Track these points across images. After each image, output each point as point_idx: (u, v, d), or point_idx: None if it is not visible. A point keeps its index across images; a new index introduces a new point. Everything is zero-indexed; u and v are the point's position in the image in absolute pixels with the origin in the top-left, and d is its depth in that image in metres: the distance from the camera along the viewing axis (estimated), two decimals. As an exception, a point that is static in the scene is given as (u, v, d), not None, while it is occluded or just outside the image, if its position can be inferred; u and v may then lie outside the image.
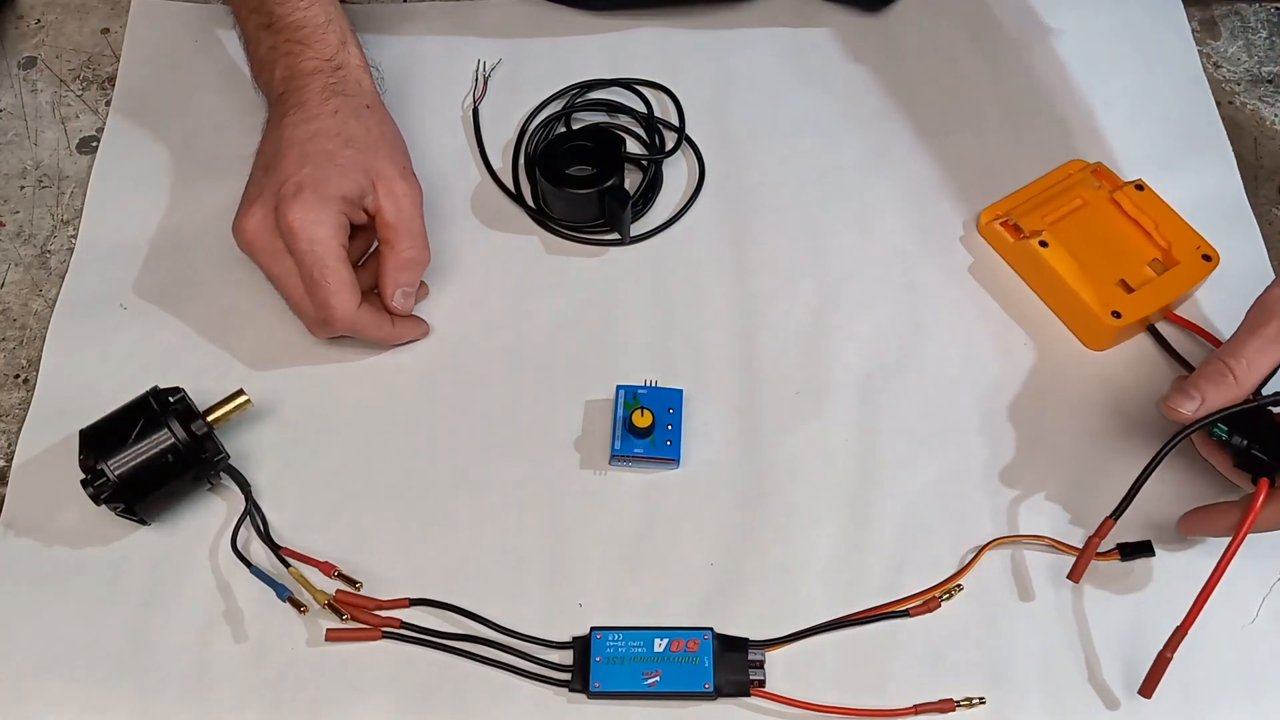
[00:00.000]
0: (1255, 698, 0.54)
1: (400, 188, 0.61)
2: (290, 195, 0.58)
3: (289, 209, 0.58)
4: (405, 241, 0.61)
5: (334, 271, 0.59)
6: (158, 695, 0.54)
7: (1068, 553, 0.57)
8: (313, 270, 0.58)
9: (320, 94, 0.62)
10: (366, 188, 0.60)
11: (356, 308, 0.60)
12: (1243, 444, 0.54)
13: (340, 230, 0.59)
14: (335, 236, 0.59)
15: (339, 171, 0.60)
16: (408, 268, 0.61)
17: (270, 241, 0.59)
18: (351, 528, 0.59)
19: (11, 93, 0.75)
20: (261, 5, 0.64)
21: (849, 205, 0.69)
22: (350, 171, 0.60)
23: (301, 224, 0.58)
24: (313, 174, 0.59)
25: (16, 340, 0.65)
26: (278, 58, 0.64)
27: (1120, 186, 0.66)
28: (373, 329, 0.61)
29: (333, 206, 0.59)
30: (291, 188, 0.59)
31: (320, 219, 0.58)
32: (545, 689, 0.54)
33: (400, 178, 0.61)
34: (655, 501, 0.60)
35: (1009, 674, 0.55)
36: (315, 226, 0.58)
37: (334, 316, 0.59)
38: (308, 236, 0.58)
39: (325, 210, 0.59)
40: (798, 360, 0.64)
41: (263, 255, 0.60)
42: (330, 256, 0.59)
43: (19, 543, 0.58)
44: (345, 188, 0.59)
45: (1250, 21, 0.79)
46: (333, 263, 0.59)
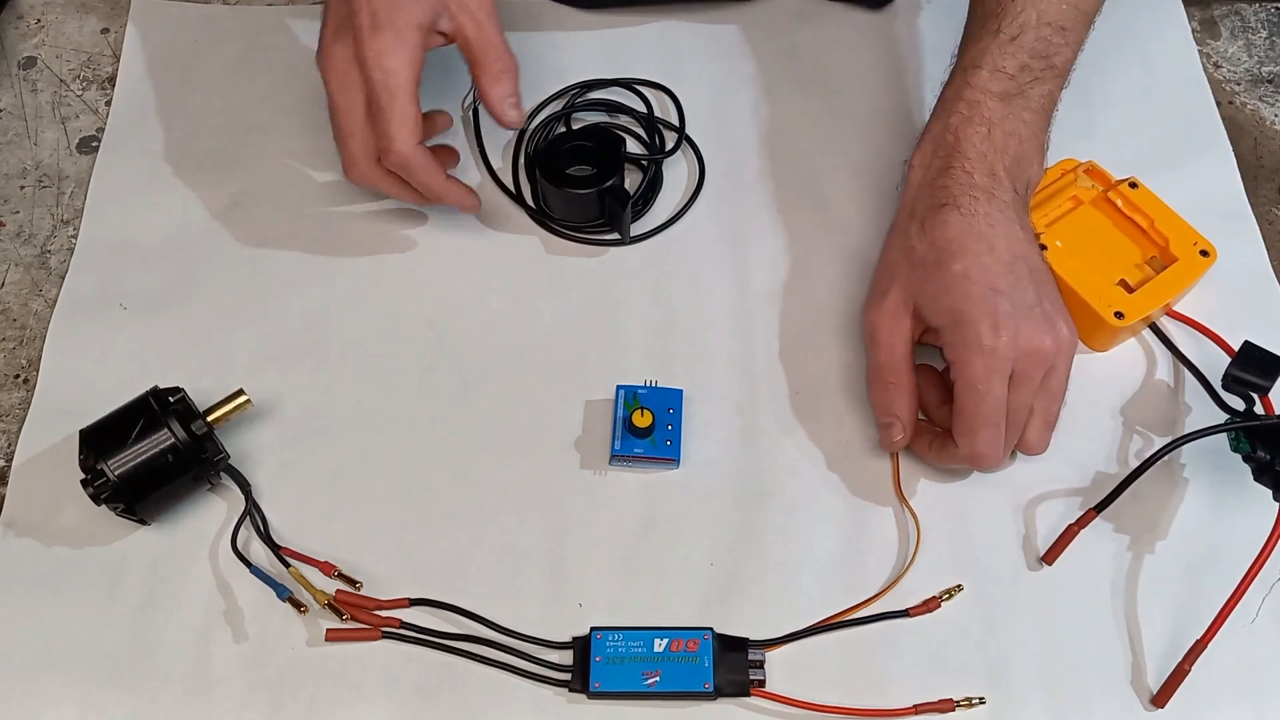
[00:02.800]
0: (1255, 698, 0.54)
1: (473, 2, 0.61)
2: (367, 28, 0.59)
3: (367, 42, 0.58)
4: (492, 55, 0.61)
5: (401, 103, 0.59)
6: (158, 695, 0.54)
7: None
8: (381, 98, 0.59)
9: None
10: (439, 10, 0.60)
11: (415, 144, 0.60)
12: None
13: (415, 64, 0.59)
14: (409, 69, 0.59)
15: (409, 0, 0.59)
16: (503, 79, 0.62)
17: (347, 71, 0.60)
18: (351, 528, 0.59)
19: (11, 93, 0.75)
20: None
21: (849, 205, 0.69)
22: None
23: (377, 56, 0.58)
24: (384, 3, 0.59)
25: (16, 340, 0.65)
26: None
27: (1114, 185, 0.66)
28: (426, 171, 0.61)
29: (410, 38, 0.59)
30: (367, 19, 0.59)
31: (397, 51, 0.59)
32: (545, 689, 0.54)
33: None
34: (655, 501, 0.60)
35: (1009, 674, 0.55)
36: (390, 58, 0.58)
37: (393, 148, 0.60)
38: (381, 67, 0.58)
39: (402, 43, 0.59)
40: (798, 360, 0.64)
41: (336, 83, 0.60)
42: (401, 89, 0.59)
43: (19, 543, 0.58)
44: (419, 14, 0.59)
45: (1250, 21, 0.79)
46: (401, 95, 0.59)
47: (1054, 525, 0.58)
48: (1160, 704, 0.54)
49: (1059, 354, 0.56)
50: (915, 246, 0.58)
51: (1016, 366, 0.55)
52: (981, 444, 0.55)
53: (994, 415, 0.55)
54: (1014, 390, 0.55)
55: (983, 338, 0.54)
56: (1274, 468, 0.54)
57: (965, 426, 0.55)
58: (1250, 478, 0.56)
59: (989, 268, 0.55)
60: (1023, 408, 0.56)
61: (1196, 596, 0.56)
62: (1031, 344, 0.55)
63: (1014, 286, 0.55)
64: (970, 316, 0.55)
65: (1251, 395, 0.56)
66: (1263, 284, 0.67)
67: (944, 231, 0.57)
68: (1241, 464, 0.56)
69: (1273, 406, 0.56)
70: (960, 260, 0.56)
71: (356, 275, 0.67)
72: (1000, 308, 0.54)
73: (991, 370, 0.54)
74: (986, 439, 0.55)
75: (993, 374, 0.54)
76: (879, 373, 0.59)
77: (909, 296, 0.58)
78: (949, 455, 0.57)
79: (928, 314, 0.57)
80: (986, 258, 0.56)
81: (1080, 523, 0.57)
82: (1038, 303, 0.56)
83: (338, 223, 0.69)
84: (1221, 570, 0.56)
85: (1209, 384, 0.60)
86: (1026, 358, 0.55)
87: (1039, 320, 0.55)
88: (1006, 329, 0.54)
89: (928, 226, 0.58)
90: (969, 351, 0.55)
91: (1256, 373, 0.55)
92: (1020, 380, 0.55)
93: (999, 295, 0.55)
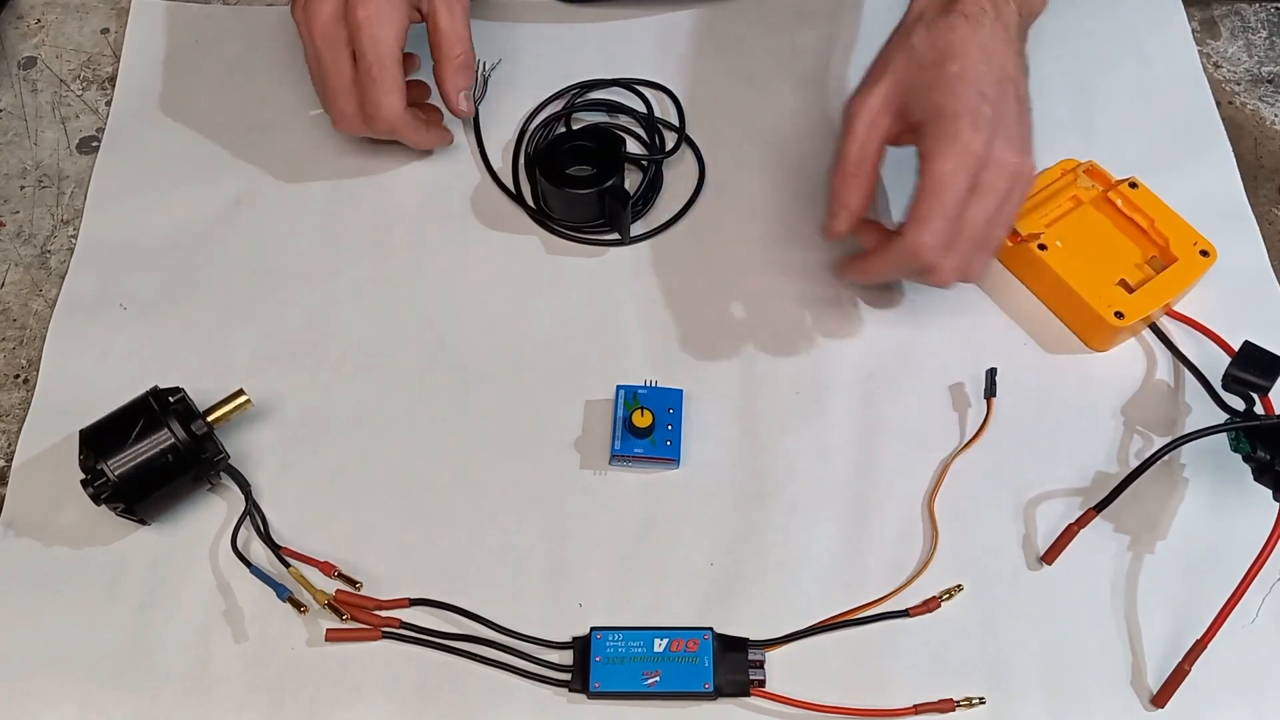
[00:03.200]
0: (1255, 698, 0.54)
1: None
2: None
3: (360, 5, 0.61)
4: (458, 47, 0.64)
5: (390, 72, 0.62)
6: (158, 695, 0.54)
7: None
8: (372, 68, 0.62)
9: None
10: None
11: (402, 109, 0.64)
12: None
13: (403, 33, 0.63)
14: (398, 39, 0.62)
15: None
16: (463, 71, 0.66)
17: (334, 31, 0.62)
18: (351, 528, 0.59)
19: (11, 93, 0.75)
20: None
21: (849, 205, 0.69)
22: None
23: (369, 21, 0.61)
24: None
25: (16, 340, 0.65)
26: None
27: (1114, 185, 0.66)
28: (411, 131, 0.66)
29: (399, 9, 0.62)
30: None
31: (389, 18, 0.61)
32: (545, 689, 0.54)
33: None
34: (655, 501, 0.60)
35: (1009, 674, 0.55)
36: (381, 26, 0.61)
37: (381, 114, 0.63)
38: (372, 35, 0.61)
39: (393, 10, 0.62)
40: (798, 360, 0.64)
41: (322, 41, 0.63)
42: (389, 57, 0.62)
43: (19, 543, 0.58)
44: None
45: (1250, 21, 0.79)
46: (390, 63, 0.62)
47: (1054, 525, 0.58)
48: (1160, 704, 0.54)
49: (1019, 180, 0.57)
50: (916, 45, 0.59)
51: (983, 174, 0.56)
52: (929, 234, 0.56)
53: (950, 208, 0.56)
54: (975, 197, 0.56)
55: (961, 133, 0.55)
56: (1274, 468, 0.54)
57: (920, 215, 0.56)
58: (1250, 478, 0.56)
59: (983, 74, 0.57)
60: (979, 219, 0.57)
61: (1196, 596, 0.56)
62: (1004, 155, 0.56)
63: (1000, 99, 0.57)
64: (954, 111, 0.56)
65: (1251, 395, 0.56)
66: (1263, 284, 0.67)
67: (948, 35, 0.58)
68: (1241, 464, 0.56)
69: (1273, 406, 0.56)
70: (957, 62, 0.57)
71: (356, 275, 0.67)
72: (983, 111, 0.56)
73: (960, 165, 0.55)
74: (936, 229, 0.56)
75: (960, 169, 0.56)
76: (844, 162, 0.60)
77: (898, 92, 0.59)
78: (891, 252, 0.58)
79: (914, 109, 0.58)
80: (982, 65, 0.57)
81: (1080, 522, 0.57)
82: (1014, 123, 0.57)
83: (338, 223, 0.69)
84: (1221, 570, 0.56)
85: (1209, 384, 0.60)
86: (995, 167, 0.56)
87: (1015, 138, 0.57)
88: (984, 131, 0.56)
89: (933, 29, 0.59)
90: (944, 143, 0.56)
91: (1256, 373, 0.55)
92: (983, 189, 0.56)
93: (985, 100, 0.56)
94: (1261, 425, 0.55)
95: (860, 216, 0.61)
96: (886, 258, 0.59)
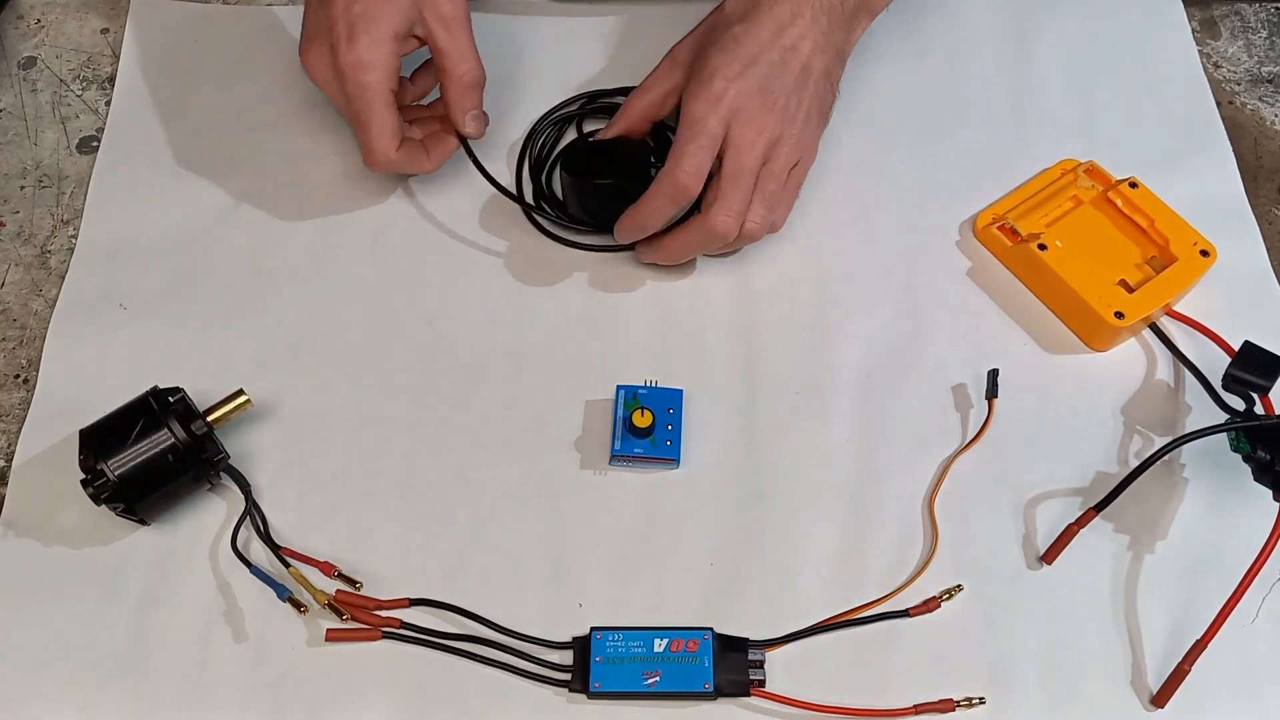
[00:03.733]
0: (1255, 697, 0.54)
1: (448, 10, 0.62)
2: (344, 37, 0.60)
3: (343, 51, 0.60)
4: (461, 66, 0.63)
5: (378, 116, 0.61)
6: (158, 695, 0.54)
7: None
8: (359, 114, 0.61)
9: None
10: (415, 18, 0.61)
11: (394, 152, 0.62)
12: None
13: (390, 74, 0.61)
14: (385, 81, 0.61)
15: (389, 6, 0.60)
16: (470, 91, 0.64)
17: (331, 77, 0.62)
18: (351, 528, 0.59)
19: (11, 93, 0.75)
20: None
21: (848, 205, 0.69)
22: (397, 5, 0.60)
23: (353, 69, 0.60)
24: (365, 11, 0.60)
25: (16, 340, 0.65)
26: None
27: (1114, 185, 0.67)
28: (410, 166, 0.65)
29: (384, 48, 0.60)
30: (344, 29, 0.60)
31: (372, 62, 0.60)
32: (545, 689, 0.54)
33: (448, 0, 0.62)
34: (655, 501, 0.60)
35: (1009, 674, 0.55)
36: (365, 71, 0.60)
37: (373, 160, 0.63)
38: (356, 81, 0.60)
39: (376, 52, 0.60)
40: (798, 360, 0.64)
41: (327, 88, 0.63)
42: (377, 101, 0.61)
43: (19, 543, 0.58)
44: (395, 22, 0.60)
45: (1250, 21, 0.79)
46: (378, 107, 0.61)
47: (1054, 525, 0.58)
48: (1160, 704, 0.54)
49: (782, 141, 0.60)
50: (726, 8, 0.63)
51: (735, 128, 0.59)
52: (685, 160, 0.58)
53: (705, 140, 0.59)
54: (733, 151, 0.59)
55: (714, 84, 0.59)
56: (1274, 468, 0.54)
57: (676, 151, 0.59)
58: (1250, 478, 0.56)
59: (762, 41, 0.60)
60: (745, 171, 0.60)
61: (1196, 596, 0.56)
62: (757, 112, 0.59)
63: (774, 66, 0.60)
64: (714, 66, 0.59)
65: (1251, 395, 0.56)
66: (1263, 284, 0.67)
67: (752, 3, 0.61)
68: (1241, 464, 0.56)
69: (1273, 406, 0.56)
70: (743, 25, 0.60)
71: (356, 275, 0.67)
72: (742, 71, 0.59)
73: (710, 110, 0.59)
74: (692, 156, 0.58)
75: (711, 114, 0.59)
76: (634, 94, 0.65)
77: (695, 46, 0.63)
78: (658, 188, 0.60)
79: (694, 63, 0.61)
80: (766, 33, 0.60)
81: (1080, 522, 0.57)
82: (787, 93, 0.60)
83: (338, 223, 0.69)
84: (1221, 570, 0.56)
85: (1209, 384, 0.60)
86: (747, 122, 0.59)
87: (777, 103, 0.60)
88: (738, 86, 0.59)
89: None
90: (697, 89, 0.59)
91: (1256, 373, 0.55)
92: (739, 145, 0.59)
93: (752, 63, 0.59)
94: (1261, 425, 0.55)
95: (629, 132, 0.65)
96: (653, 193, 0.61)
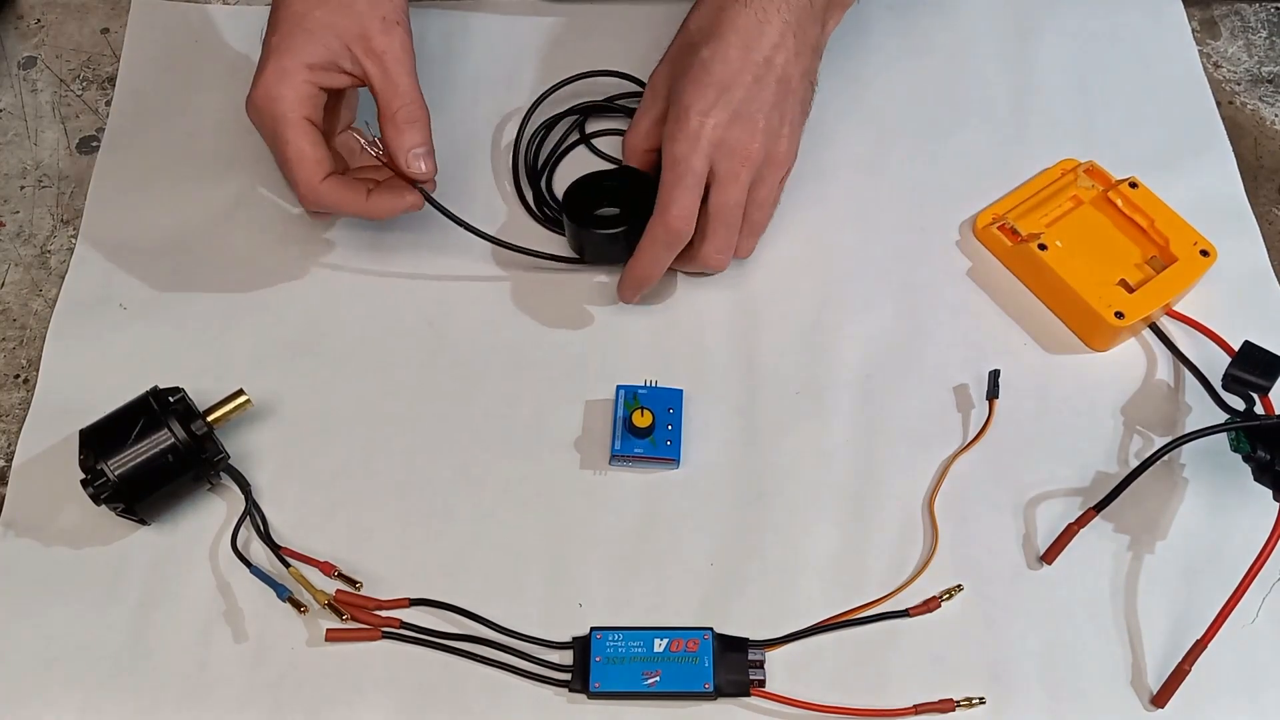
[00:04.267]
0: (1255, 697, 0.54)
1: (381, 44, 0.57)
2: (259, 69, 0.57)
3: (254, 84, 0.57)
4: (396, 103, 0.58)
5: (290, 145, 0.57)
6: (158, 695, 0.54)
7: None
8: (273, 145, 0.57)
9: None
10: (338, 51, 0.57)
11: (319, 181, 0.57)
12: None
13: (303, 101, 0.57)
14: (296, 109, 0.56)
15: (305, 37, 0.57)
16: (408, 129, 0.58)
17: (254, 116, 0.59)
18: (351, 528, 0.59)
19: (11, 93, 0.75)
20: None
21: (848, 205, 0.69)
22: (319, 35, 0.57)
23: (263, 100, 0.57)
24: (279, 43, 0.57)
25: (16, 340, 0.65)
26: None
27: (1114, 185, 0.67)
28: (344, 204, 0.58)
29: (294, 77, 0.56)
30: (261, 61, 0.57)
31: (279, 93, 0.56)
32: (545, 689, 0.54)
33: (381, 33, 0.57)
34: (655, 501, 0.60)
35: (1009, 674, 0.55)
36: (274, 102, 0.56)
37: (299, 192, 0.58)
38: (269, 113, 0.57)
39: (285, 82, 0.56)
40: (798, 360, 0.64)
41: (258, 130, 0.59)
42: (288, 130, 0.56)
43: (19, 543, 0.58)
44: (310, 54, 0.57)
45: (1250, 21, 0.79)
46: (289, 136, 0.56)
47: (1054, 525, 0.58)
48: (1160, 704, 0.54)
49: (768, 164, 0.59)
50: (689, 25, 0.61)
51: (719, 163, 0.58)
52: (676, 206, 0.58)
53: (691, 182, 0.57)
54: (719, 187, 0.58)
55: (690, 120, 0.57)
56: (1274, 468, 0.54)
57: (662, 195, 0.58)
58: (1250, 478, 0.56)
59: (732, 62, 0.58)
60: (732, 206, 0.59)
61: (1196, 596, 0.56)
62: (738, 142, 0.57)
63: (749, 88, 0.58)
64: (688, 101, 0.57)
65: (1251, 395, 0.56)
66: (1263, 284, 0.67)
67: (715, 16, 0.59)
68: (1241, 464, 0.56)
69: (1273, 406, 0.56)
70: (710, 47, 0.58)
71: (356, 275, 0.67)
72: (717, 100, 0.57)
73: (692, 150, 0.57)
74: (682, 202, 0.58)
75: (694, 154, 0.57)
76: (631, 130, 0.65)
77: (669, 72, 0.61)
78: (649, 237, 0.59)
79: (670, 93, 0.60)
80: (735, 51, 0.58)
81: (1080, 522, 0.57)
82: (767, 111, 0.58)
83: (338, 222, 0.69)
84: (1221, 570, 0.56)
85: (1209, 384, 0.60)
86: (729, 155, 0.57)
87: (758, 126, 0.58)
88: (715, 118, 0.57)
89: (707, 7, 0.60)
90: (675, 129, 0.58)
91: (1256, 373, 0.55)
92: (725, 178, 0.58)
93: (726, 92, 0.57)
94: (1261, 425, 0.55)
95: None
96: (646, 242, 0.60)
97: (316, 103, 0.58)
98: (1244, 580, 0.53)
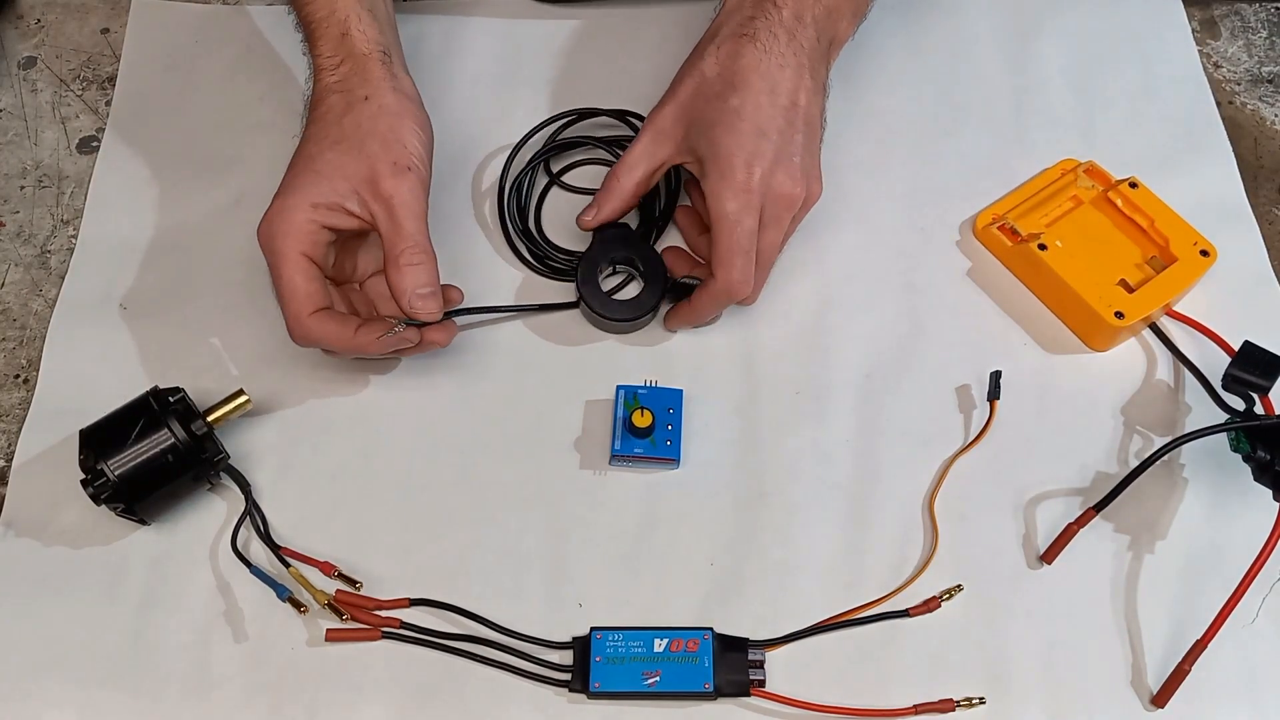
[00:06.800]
0: (1255, 698, 0.55)
1: (388, 188, 0.57)
2: (269, 206, 0.58)
3: (262, 219, 0.57)
4: (400, 245, 0.57)
5: (284, 279, 0.57)
6: (158, 695, 0.54)
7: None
8: (272, 276, 0.57)
9: (321, 93, 0.61)
10: (345, 193, 0.57)
11: (306, 315, 0.57)
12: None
13: (302, 238, 0.57)
14: (294, 245, 0.57)
15: (312, 178, 0.57)
16: (410, 272, 0.57)
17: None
18: (351, 528, 0.59)
19: (11, 93, 0.75)
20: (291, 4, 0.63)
21: (848, 205, 0.69)
22: (327, 177, 0.57)
23: (264, 234, 0.57)
24: (290, 181, 0.58)
25: (16, 340, 0.65)
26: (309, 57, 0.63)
27: (1114, 185, 0.67)
28: (330, 337, 0.57)
29: (295, 215, 0.57)
30: (275, 196, 0.58)
31: (278, 228, 0.57)
32: (545, 689, 0.54)
33: (390, 175, 0.57)
34: (655, 501, 0.60)
35: (1009, 674, 0.55)
36: (273, 237, 0.57)
37: (288, 325, 0.57)
38: (268, 247, 0.57)
39: (286, 218, 0.57)
40: (798, 360, 0.64)
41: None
42: (283, 264, 0.56)
43: (19, 543, 0.58)
44: (316, 194, 0.57)
45: (1250, 21, 0.79)
46: (285, 270, 0.56)
47: (1054, 525, 0.58)
48: (1160, 704, 0.54)
49: (805, 202, 0.61)
50: (705, 71, 0.61)
51: (767, 208, 0.59)
52: (737, 271, 0.59)
53: (746, 244, 0.59)
54: (764, 230, 0.59)
55: (737, 173, 0.58)
56: (1274, 468, 0.54)
57: (721, 257, 0.59)
58: (1250, 478, 0.56)
59: (763, 108, 0.58)
60: (772, 247, 0.61)
61: (1196, 596, 0.56)
62: (784, 189, 0.59)
63: (783, 132, 0.59)
64: (729, 152, 0.58)
65: (1251, 395, 0.56)
66: (1263, 284, 0.67)
67: (735, 62, 0.59)
68: (1241, 464, 0.56)
69: (1273, 406, 0.56)
70: (739, 95, 0.59)
71: (356, 275, 0.67)
72: (761, 148, 0.58)
73: (744, 205, 0.58)
74: (742, 267, 0.59)
75: (745, 208, 0.58)
76: (617, 169, 0.63)
77: (682, 120, 0.61)
78: (709, 294, 0.60)
79: (698, 143, 0.60)
80: (764, 97, 0.59)
81: (1080, 522, 0.57)
82: (799, 153, 0.59)
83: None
84: (1221, 570, 0.56)
85: (1209, 384, 0.60)
86: (776, 201, 0.59)
87: (797, 169, 0.59)
88: (761, 167, 0.58)
89: (722, 53, 0.60)
90: (724, 185, 0.58)
91: (1256, 373, 0.55)
92: (769, 222, 0.59)
93: (764, 136, 0.58)
94: (1261, 425, 0.55)
95: (611, 220, 0.64)
96: (707, 300, 0.61)
97: (317, 239, 0.58)
98: (1244, 580, 0.53)
